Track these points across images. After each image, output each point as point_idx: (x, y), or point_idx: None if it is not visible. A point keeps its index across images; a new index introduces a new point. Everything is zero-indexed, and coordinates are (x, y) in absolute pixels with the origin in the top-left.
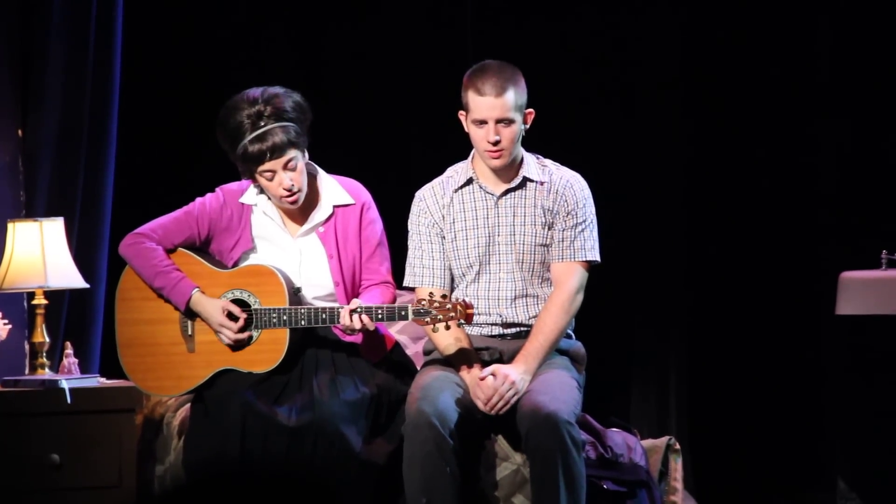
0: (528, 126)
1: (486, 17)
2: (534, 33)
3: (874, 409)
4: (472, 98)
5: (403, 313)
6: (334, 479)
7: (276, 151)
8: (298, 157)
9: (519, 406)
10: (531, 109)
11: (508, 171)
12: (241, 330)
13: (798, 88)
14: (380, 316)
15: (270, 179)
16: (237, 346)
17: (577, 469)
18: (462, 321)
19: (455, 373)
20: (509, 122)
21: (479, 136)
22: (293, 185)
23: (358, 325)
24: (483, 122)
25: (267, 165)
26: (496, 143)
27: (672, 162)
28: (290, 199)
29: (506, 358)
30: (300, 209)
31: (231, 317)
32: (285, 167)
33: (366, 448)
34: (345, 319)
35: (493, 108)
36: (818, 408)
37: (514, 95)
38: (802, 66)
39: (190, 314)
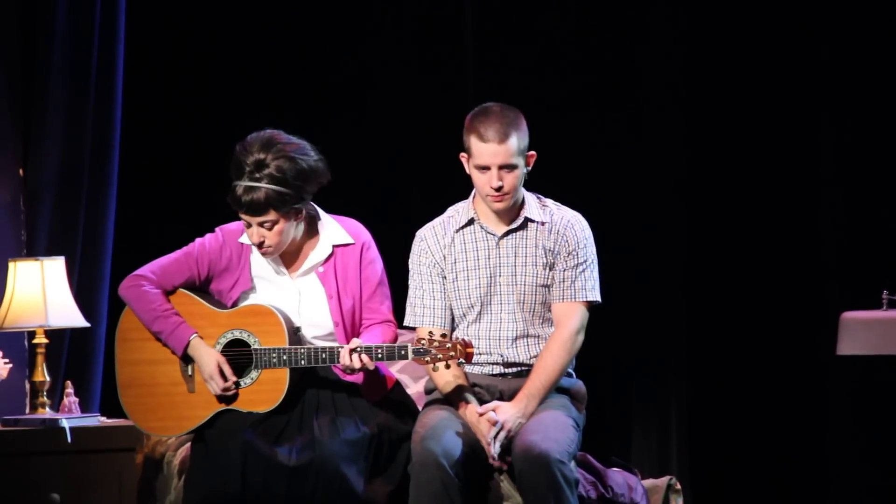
0: (530, 168)
1: (487, 52)
2: (533, 70)
3: (875, 449)
4: (474, 143)
5: (403, 352)
6: None
7: (253, 209)
8: (279, 220)
9: (513, 446)
10: (533, 152)
11: (510, 211)
12: (234, 384)
13: (802, 113)
14: (379, 355)
15: (247, 227)
16: (223, 398)
17: None
18: (462, 360)
19: (457, 412)
20: (512, 167)
21: (482, 182)
22: (263, 242)
23: (358, 365)
24: (486, 168)
25: (244, 216)
26: (499, 189)
27: (672, 200)
28: (259, 250)
29: (506, 397)
30: (299, 249)
31: (222, 374)
32: (261, 224)
33: (366, 488)
34: (345, 359)
35: (496, 154)
36: (819, 447)
37: (517, 140)
38: (805, 87)
39: (187, 359)
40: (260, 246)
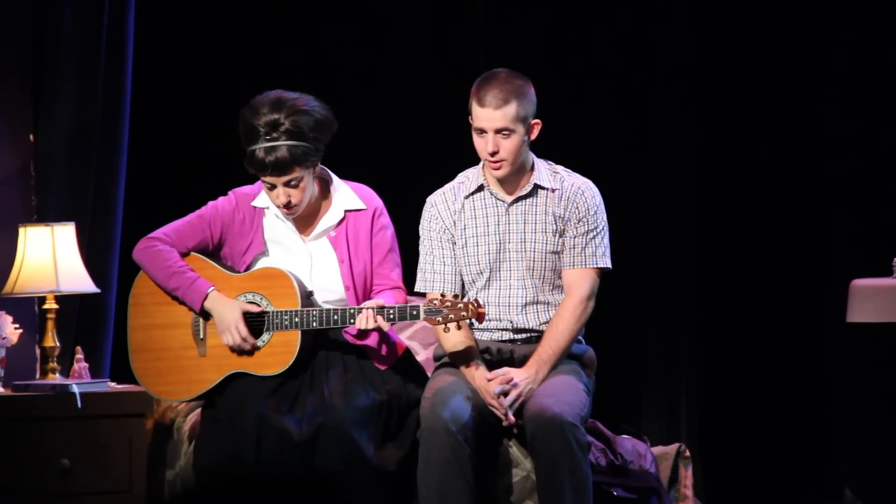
0: (533, 138)
1: (498, 20)
2: (545, 38)
3: (883, 418)
4: (474, 107)
5: (415, 312)
6: (346, 484)
7: (278, 168)
8: (303, 176)
9: (525, 409)
10: (538, 121)
11: (519, 178)
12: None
13: (812, 92)
14: (391, 315)
15: (270, 189)
16: (240, 350)
17: (583, 471)
18: (473, 320)
19: (465, 377)
20: (508, 132)
21: (481, 146)
22: (290, 202)
23: (372, 325)
24: (483, 132)
25: (268, 179)
26: (494, 154)
27: (683, 169)
28: (286, 210)
29: (516, 363)
30: (312, 213)
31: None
32: (286, 184)
33: (377, 454)
34: (366, 322)
35: (492, 119)
36: (827, 415)
37: (517, 107)
38: (816, 69)
39: (204, 314)
40: (287, 206)
